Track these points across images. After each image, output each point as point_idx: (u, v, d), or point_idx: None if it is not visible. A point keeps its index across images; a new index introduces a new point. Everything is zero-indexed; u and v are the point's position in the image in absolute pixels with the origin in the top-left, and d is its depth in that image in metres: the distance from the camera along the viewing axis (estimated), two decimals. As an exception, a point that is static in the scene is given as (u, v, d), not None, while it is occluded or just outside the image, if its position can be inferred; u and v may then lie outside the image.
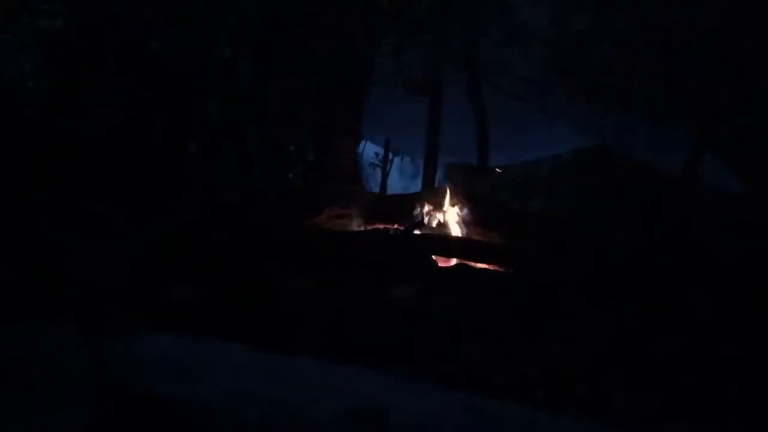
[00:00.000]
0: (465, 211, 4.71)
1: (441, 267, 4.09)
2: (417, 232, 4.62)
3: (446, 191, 4.94)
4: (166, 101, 3.88)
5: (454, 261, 4.26)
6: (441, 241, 4.42)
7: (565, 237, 4.44)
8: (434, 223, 4.69)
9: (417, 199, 4.89)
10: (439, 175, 7.50)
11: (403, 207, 4.84)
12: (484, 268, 4.19)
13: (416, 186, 7.59)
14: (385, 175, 8.89)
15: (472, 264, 4.15)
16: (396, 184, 9.16)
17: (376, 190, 8.46)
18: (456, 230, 4.69)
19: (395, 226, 4.62)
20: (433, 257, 4.16)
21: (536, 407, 1.13)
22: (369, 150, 8.75)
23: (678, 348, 2.77)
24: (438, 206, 4.78)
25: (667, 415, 2.09)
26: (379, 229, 4.60)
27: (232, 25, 4.54)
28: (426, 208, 4.79)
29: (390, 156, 9.07)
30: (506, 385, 2.19)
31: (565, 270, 3.78)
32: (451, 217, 4.74)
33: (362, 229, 4.66)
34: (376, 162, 8.60)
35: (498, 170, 8.48)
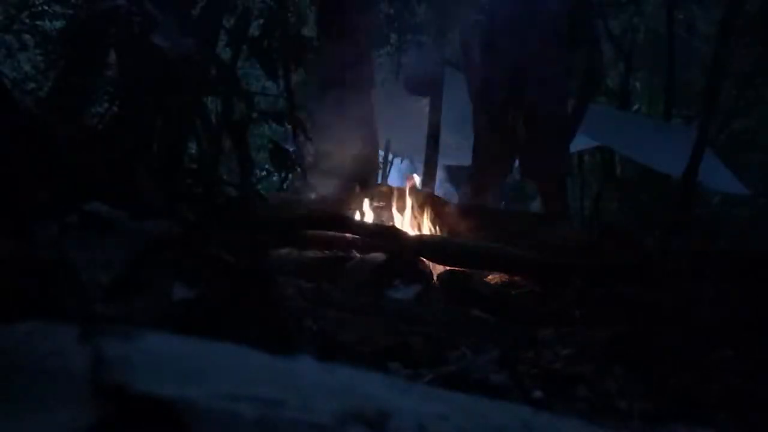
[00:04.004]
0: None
1: (441, 269, 4.08)
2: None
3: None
4: (167, 101, 3.89)
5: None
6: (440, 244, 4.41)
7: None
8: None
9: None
10: (439, 176, 7.50)
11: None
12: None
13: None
14: (384, 177, 8.90)
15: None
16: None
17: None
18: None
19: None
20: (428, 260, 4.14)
21: (536, 408, 1.13)
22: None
23: (678, 348, 2.77)
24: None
25: (666, 416, 2.08)
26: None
27: (233, 25, 4.54)
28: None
29: (390, 157, 9.08)
30: (506, 385, 2.19)
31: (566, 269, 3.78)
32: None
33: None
34: (375, 163, 8.59)
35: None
